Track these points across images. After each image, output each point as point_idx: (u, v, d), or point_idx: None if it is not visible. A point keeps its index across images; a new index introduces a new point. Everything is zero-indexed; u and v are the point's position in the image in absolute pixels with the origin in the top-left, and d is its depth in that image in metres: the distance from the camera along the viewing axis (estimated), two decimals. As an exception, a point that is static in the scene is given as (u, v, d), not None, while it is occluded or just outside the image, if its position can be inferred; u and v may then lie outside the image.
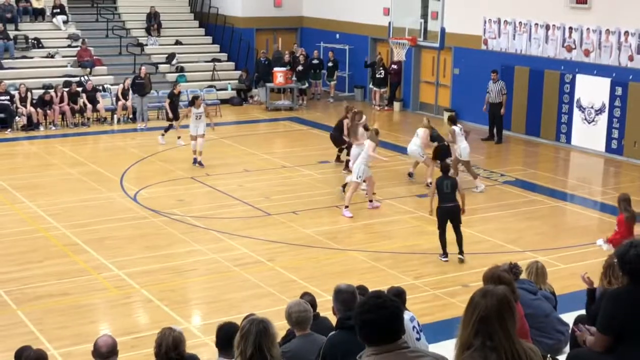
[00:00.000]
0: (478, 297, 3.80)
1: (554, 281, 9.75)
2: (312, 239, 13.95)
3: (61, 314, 10.96)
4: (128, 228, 14.45)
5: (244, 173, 18.39)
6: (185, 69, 27.33)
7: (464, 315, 3.80)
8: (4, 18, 26.16)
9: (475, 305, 3.76)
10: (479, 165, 19.31)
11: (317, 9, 29.55)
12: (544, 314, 8.04)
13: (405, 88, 26.64)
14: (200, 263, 12.89)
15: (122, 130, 23.07)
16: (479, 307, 3.74)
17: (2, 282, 11.81)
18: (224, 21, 29.26)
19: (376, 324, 3.80)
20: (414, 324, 7.01)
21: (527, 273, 8.71)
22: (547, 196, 16.80)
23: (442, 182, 12.82)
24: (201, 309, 11.42)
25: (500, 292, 3.82)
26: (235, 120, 24.83)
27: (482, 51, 23.38)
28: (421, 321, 8.46)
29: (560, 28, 21.21)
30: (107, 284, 11.97)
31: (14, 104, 22.52)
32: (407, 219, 15.31)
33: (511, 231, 14.61)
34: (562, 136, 21.35)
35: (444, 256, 12.85)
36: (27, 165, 19.25)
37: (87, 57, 25.89)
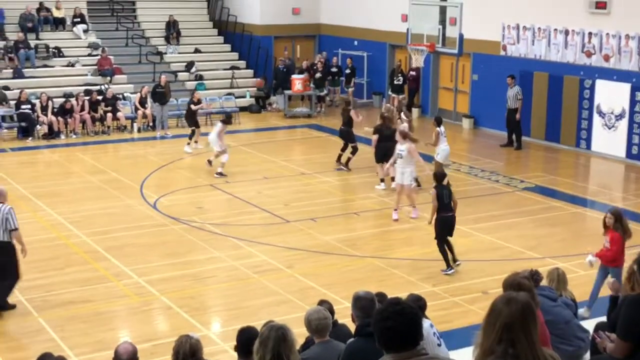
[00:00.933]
0: (501, 304, 3.78)
1: (574, 288, 9.72)
2: (331, 246, 13.96)
3: (82, 321, 11.03)
4: (148, 235, 14.53)
5: (262, 180, 18.43)
6: (204, 77, 27.46)
7: (486, 322, 3.78)
8: (25, 27, 26.42)
9: (499, 312, 3.74)
10: (499, 171, 19.27)
11: (335, 16, 29.60)
12: (564, 320, 8.00)
13: (423, 94, 26.62)
14: (219, 270, 12.93)
15: (142, 139, 23.20)
16: (502, 314, 3.72)
17: (24, 290, 11.90)
18: (243, 29, 29.38)
19: (395, 331, 3.81)
20: (434, 330, 7.00)
21: (547, 280, 8.68)
22: (568, 202, 16.72)
23: (442, 192, 12.77)
24: (220, 316, 11.45)
25: (524, 299, 3.80)
26: (254, 128, 24.91)
27: (500, 57, 23.32)
28: (440, 328, 8.45)
29: (580, 33, 21.12)
30: (128, 291, 12.04)
31: (35, 113, 22.71)
32: (425, 226, 15.26)
33: (531, 238, 14.55)
34: (582, 142, 21.25)
35: (449, 269, 12.68)
36: (48, 173, 19.39)
37: (107, 65, 26.08)
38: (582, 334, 8.23)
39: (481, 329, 3.80)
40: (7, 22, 26.59)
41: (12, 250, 11.12)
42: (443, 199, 12.67)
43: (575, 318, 8.32)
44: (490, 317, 3.75)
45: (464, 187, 17.94)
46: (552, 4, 21.80)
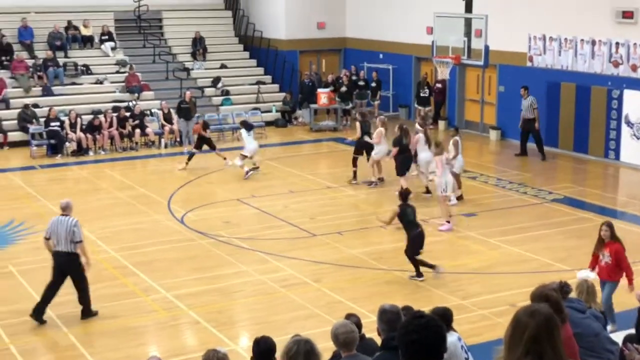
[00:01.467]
0: (525, 316, 3.74)
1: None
2: (357, 260, 13.94)
3: (111, 336, 11.10)
4: (176, 250, 14.60)
5: (289, 194, 18.47)
6: (231, 92, 27.62)
7: (510, 336, 3.74)
8: (54, 46, 26.76)
9: (525, 325, 3.70)
10: (526, 183, 19.15)
11: (360, 29, 29.67)
12: (594, 333, 7.91)
13: (450, 106, 26.56)
14: (246, 284, 12.96)
15: (170, 154, 23.36)
16: (528, 326, 3.68)
17: (53, 305, 11.99)
18: (268, 44, 29.53)
19: (420, 344, 3.79)
20: (462, 344, 6.96)
21: (577, 292, 8.60)
22: (597, 214, 16.56)
23: (406, 210, 12.91)
24: (247, 330, 11.47)
25: (547, 310, 3.78)
26: (280, 142, 24.99)
27: (527, 68, 23.22)
28: (469, 342, 8.40)
29: (607, 43, 20.98)
30: (156, 306, 12.10)
31: (64, 130, 22.97)
32: (453, 239, 15.22)
33: (560, 250, 14.43)
34: (610, 152, 21.07)
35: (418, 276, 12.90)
36: (77, 189, 19.57)
37: (135, 82, 26.33)
38: (612, 347, 8.13)
39: (505, 344, 3.77)
40: (36, 40, 26.96)
41: (78, 260, 11.44)
42: (407, 216, 12.82)
43: (604, 330, 8.22)
44: (515, 330, 3.72)
45: (491, 199, 17.87)
46: (578, 14, 21.69)
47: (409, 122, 27.19)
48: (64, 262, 11.37)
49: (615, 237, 10.69)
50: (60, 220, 11.39)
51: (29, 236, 15.52)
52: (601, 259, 10.73)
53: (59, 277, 11.45)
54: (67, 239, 11.27)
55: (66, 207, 11.58)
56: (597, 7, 21.06)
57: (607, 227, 10.68)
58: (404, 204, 13.02)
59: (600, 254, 10.71)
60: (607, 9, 20.73)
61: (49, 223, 11.55)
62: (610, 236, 10.62)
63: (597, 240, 10.83)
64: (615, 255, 10.52)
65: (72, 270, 11.42)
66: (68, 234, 11.26)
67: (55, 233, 11.35)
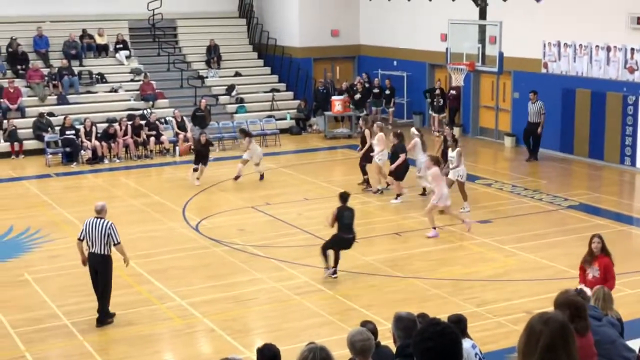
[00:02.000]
0: (539, 324, 3.69)
1: (620, 307, 9.53)
2: (372, 267, 13.91)
3: (126, 343, 11.12)
4: (190, 258, 14.62)
5: (303, 202, 18.47)
6: (245, 100, 27.68)
7: (525, 345, 3.68)
8: (69, 54, 26.92)
9: (539, 332, 3.65)
10: (542, 189, 19.06)
11: (374, 36, 29.68)
12: (610, 340, 7.84)
13: (464, 113, 26.51)
14: (261, 292, 12.95)
15: (184, 162, 23.39)
16: (543, 334, 3.63)
17: (68, 313, 12.05)
18: (282, 52, 29.59)
19: (435, 352, 3.77)
20: (476, 351, 6.92)
21: (593, 299, 8.54)
22: (613, 220, 16.47)
23: (344, 213, 12.91)
24: (262, 337, 11.43)
25: (561, 317, 3.74)
26: (295, 149, 25.01)
27: (542, 74, 23.15)
28: (485, 349, 8.36)
29: (622, 49, 20.89)
30: (171, 313, 12.11)
31: (79, 138, 23.08)
32: (468, 245, 15.17)
33: (576, 256, 14.22)
34: (626, 159, 20.95)
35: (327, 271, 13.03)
36: (92, 197, 19.56)
37: (150, 90, 26.44)
38: (629, 354, 8.06)
39: (518, 352, 3.71)
40: (52, 49, 27.12)
41: (110, 263, 11.67)
42: (343, 219, 12.82)
43: (620, 337, 8.16)
44: (530, 338, 3.66)
45: (507, 205, 17.80)
46: (592, 20, 21.61)
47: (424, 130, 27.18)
48: (97, 263, 11.56)
49: (605, 251, 10.36)
50: (95, 222, 11.57)
51: (45, 244, 15.60)
52: (588, 273, 10.32)
53: (94, 278, 11.66)
54: (102, 241, 11.46)
55: (101, 210, 11.77)
56: (612, 13, 20.98)
57: (598, 239, 10.34)
58: (342, 206, 13.05)
59: (589, 268, 10.32)
60: (622, 15, 20.65)
61: (84, 224, 11.68)
62: (601, 249, 10.29)
63: (586, 253, 10.43)
64: (605, 269, 10.15)
65: (103, 272, 11.58)
66: (103, 237, 11.45)
67: (90, 235, 11.50)
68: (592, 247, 10.34)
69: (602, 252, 10.27)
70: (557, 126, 22.63)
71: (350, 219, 12.93)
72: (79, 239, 11.76)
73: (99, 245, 11.48)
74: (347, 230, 12.93)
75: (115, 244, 11.58)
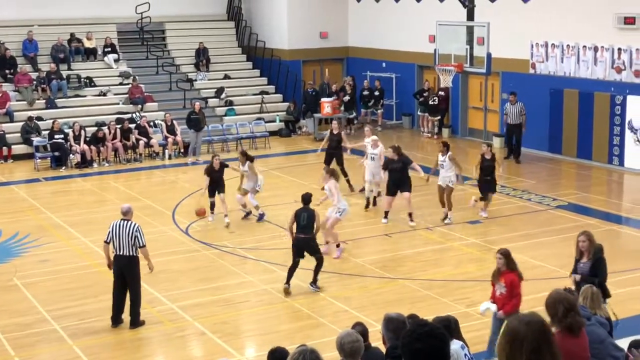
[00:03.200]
0: (521, 326, 3.65)
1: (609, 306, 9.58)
2: (362, 268, 13.93)
3: (117, 348, 11.11)
4: (180, 261, 14.60)
5: (293, 204, 18.39)
6: (234, 103, 27.68)
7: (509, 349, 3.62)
8: (57, 58, 26.85)
9: (524, 335, 3.62)
10: (530, 190, 19.13)
11: (362, 38, 29.72)
12: (599, 339, 7.88)
13: (453, 114, 26.57)
14: (251, 295, 12.96)
15: (174, 165, 23.40)
16: (527, 337, 3.61)
17: (58, 318, 12.02)
18: (271, 54, 29.60)
19: (424, 353, 3.79)
20: (466, 352, 6.94)
21: (581, 298, 8.57)
22: (601, 220, 16.54)
23: (302, 213, 12.91)
24: (254, 340, 11.46)
25: (540, 318, 3.71)
26: (284, 152, 25.02)
27: (530, 75, 23.24)
28: (474, 349, 8.38)
29: (609, 49, 21.00)
30: (161, 317, 12.10)
31: (68, 142, 23.02)
32: (458, 246, 15.21)
33: (565, 256, 14.34)
34: (614, 158, 21.05)
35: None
36: (81, 201, 19.60)
37: (138, 94, 26.40)
38: (618, 353, 8.10)
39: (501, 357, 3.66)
40: (40, 53, 27.04)
41: (138, 265, 11.64)
42: (300, 220, 12.83)
43: (609, 337, 8.21)
44: (514, 342, 3.62)
45: (496, 206, 17.84)
46: (580, 20, 21.71)
47: (412, 131, 27.30)
48: (124, 266, 11.54)
49: (511, 266, 9.81)
50: (122, 224, 11.57)
51: (34, 249, 15.55)
52: (496, 290, 9.85)
53: (122, 280, 11.61)
54: (129, 243, 11.46)
55: (127, 212, 11.78)
56: (599, 14, 21.09)
57: (500, 255, 9.79)
58: (303, 208, 13.05)
59: (497, 284, 9.84)
60: (609, 15, 20.75)
61: (110, 227, 11.64)
62: (505, 264, 9.76)
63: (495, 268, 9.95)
64: (511, 285, 9.67)
65: (131, 274, 11.58)
66: (130, 239, 11.45)
67: (117, 237, 11.50)
68: (497, 262, 9.85)
69: (507, 268, 9.75)
70: (545, 126, 22.72)
71: (306, 220, 12.81)
72: (105, 242, 11.70)
73: (125, 247, 11.47)
74: (302, 231, 12.84)
75: (141, 247, 11.57)
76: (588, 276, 10.01)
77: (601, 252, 10.21)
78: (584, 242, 10.10)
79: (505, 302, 9.66)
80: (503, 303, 9.67)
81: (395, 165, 16.41)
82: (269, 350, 6.44)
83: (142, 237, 11.56)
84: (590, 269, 10.07)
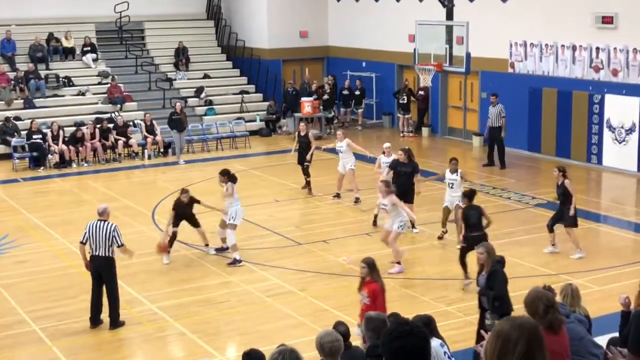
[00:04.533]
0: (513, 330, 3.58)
1: (588, 304, 9.62)
2: (343, 268, 13.94)
3: (96, 349, 11.05)
4: (160, 262, 14.53)
5: (274, 203, 18.45)
6: (214, 102, 27.61)
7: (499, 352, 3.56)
8: (35, 58, 26.66)
9: (516, 339, 3.55)
10: (510, 188, 19.22)
11: (342, 38, 29.74)
12: (578, 337, 7.93)
13: (433, 113, 26.65)
14: (232, 294, 12.93)
15: (153, 165, 23.29)
16: (520, 341, 3.55)
17: (37, 319, 11.94)
18: (251, 54, 29.54)
19: (405, 351, 3.79)
20: (445, 349, 6.97)
21: (561, 296, 8.61)
22: (580, 218, 16.53)
23: (469, 212, 12.80)
24: (234, 340, 11.43)
25: (532, 321, 3.66)
26: (265, 151, 24.99)
27: (509, 74, 23.35)
28: (454, 347, 8.41)
29: (587, 49, 21.14)
30: (141, 318, 12.04)
31: (47, 142, 22.86)
32: (438, 245, 15.25)
33: (544, 254, 14.48)
34: (593, 157, 21.20)
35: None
36: (60, 202, 19.46)
37: (118, 93, 26.26)
38: (597, 350, 8.15)
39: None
40: (18, 53, 26.84)
41: (114, 265, 11.64)
42: (470, 219, 12.79)
43: (588, 334, 8.26)
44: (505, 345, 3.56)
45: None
46: (558, 20, 21.85)
47: (392, 130, 27.37)
48: (101, 266, 11.50)
49: (374, 276, 9.34)
50: (98, 225, 11.53)
51: (12, 250, 15.44)
52: (361, 300, 9.45)
53: (99, 281, 11.57)
54: (107, 244, 11.43)
55: (103, 212, 11.75)
56: (577, 13, 21.23)
57: (364, 264, 9.36)
58: (470, 206, 13.03)
59: (360, 293, 9.47)
60: (587, 14, 20.89)
61: (86, 227, 11.57)
62: (369, 274, 9.33)
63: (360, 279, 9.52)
64: (373, 295, 9.25)
65: (108, 274, 11.55)
66: (108, 239, 11.42)
67: (94, 238, 11.44)
68: (360, 272, 9.41)
69: (371, 278, 9.34)
70: (524, 125, 22.85)
71: (476, 218, 12.69)
72: (81, 242, 11.65)
73: (103, 248, 11.43)
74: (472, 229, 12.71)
75: (119, 246, 11.55)
76: (485, 289, 9.80)
77: (500, 264, 9.93)
78: (482, 254, 9.86)
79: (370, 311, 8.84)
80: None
81: (404, 169, 15.55)
82: (244, 352, 6.42)
83: (119, 237, 11.52)
84: (486, 281, 9.83)
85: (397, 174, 15.59)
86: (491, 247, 10.00)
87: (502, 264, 9.99)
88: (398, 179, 15.45)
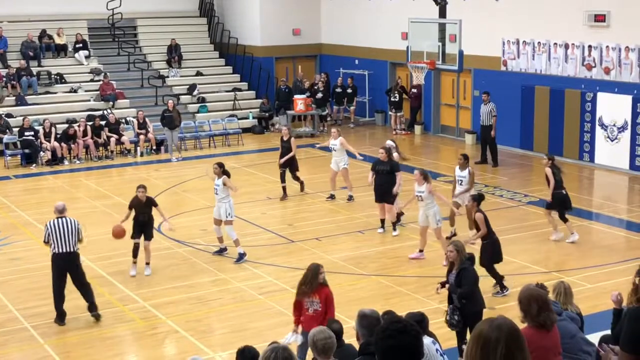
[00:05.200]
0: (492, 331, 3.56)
1: (580, 301, 9.67)
2: (336, 265, 13.93)
3: (88, 346, 11.02)
4: (153, 259, 14.47)
5: (266, 201, 18.44)
6: (207, 100, 27.57)
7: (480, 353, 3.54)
8: (27, 55, 26.58)
9: (496, 340, 3.54)
10: (502, 186, 19.25)
11: (335, 35, 29.73)
12: (570, 335, 7.96)
13: (425, 111, 26.67)
14: (224, 292, 12.92)
15: (145, 162, 23.25)
16: (500, 342, 3.54)
17: (29, 317, 11.92)
18: (244, 51, 29.51)
19: (397, 349, 3.79)
20: (437, 347, 6.98)
21: (553, 294, 8.63)
22: (572, 215, 16.61)
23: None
24: (227, 338, 11.42)
25: (510, 322, 3.65)
26: (258, 149, 24.98)
27: (501, 72, 23.38)
28: (445, 345, 8.43)
29: (580, 47, 21.18)
30: (133, 315, 12.03)
31: (39, 139, 22.80)
32: (430, 243, 15.25)
33: (536, 252, 14.52)
34: (585, 155, 21.25)
35: None
36: (52, 199, 19.29)
37: (110, 90, 26.20)
38: (589, 348, 8.18)
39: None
40: (10, 49, 26.75)
41: (79, 258, 11.82)
42: None
43: (580, 332, 8.29)
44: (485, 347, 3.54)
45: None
46: (551, 18, 21.88)
47: (385, 128, 27.39)
48: (68, 262, 11.58)
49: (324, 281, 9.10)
50: (61, 222, 11.56)
51: (4, 247, 15.40)
52: (308, 307, 9.06)
53: (63, 278, 11.64)
54: (74, 239, 11.56)
55: (63, 209, 11.80)
56: (570, 11, 21.26)
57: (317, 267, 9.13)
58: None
59: (308, 300, 9.05)
60: (580, 12, 20.93)
61: (47, 227, 11.59)
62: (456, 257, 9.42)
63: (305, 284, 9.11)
64: (326, 301, 8.99)
65: (77, 268, 11.68)
66: (74, 235, 11.55)
67: (58, 236, 11.47)
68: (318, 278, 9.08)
69: (322, 282, 9.11)
70: (516, 123, 22.89)
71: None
72: (44, 242, 11.71)
73: (69, 244, 11.49)
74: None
75: (80, 239, 11.71)
76: (455, 287, 9.82)
77: (470, 262, 9.94)
78: (452, 252, 9.86)
79: (320, 319, 8.74)
80: (318, 322, 8.43)
81: (382, 168, 15.33)
82: (238, 349, 6.42)
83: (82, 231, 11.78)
84: (455, 279, 9.85)
85: (376, 173, 15.48)
86: (461, 245, 10.02)
87: (472, 261, 10.03)
88: (377, 178, 15.40)
